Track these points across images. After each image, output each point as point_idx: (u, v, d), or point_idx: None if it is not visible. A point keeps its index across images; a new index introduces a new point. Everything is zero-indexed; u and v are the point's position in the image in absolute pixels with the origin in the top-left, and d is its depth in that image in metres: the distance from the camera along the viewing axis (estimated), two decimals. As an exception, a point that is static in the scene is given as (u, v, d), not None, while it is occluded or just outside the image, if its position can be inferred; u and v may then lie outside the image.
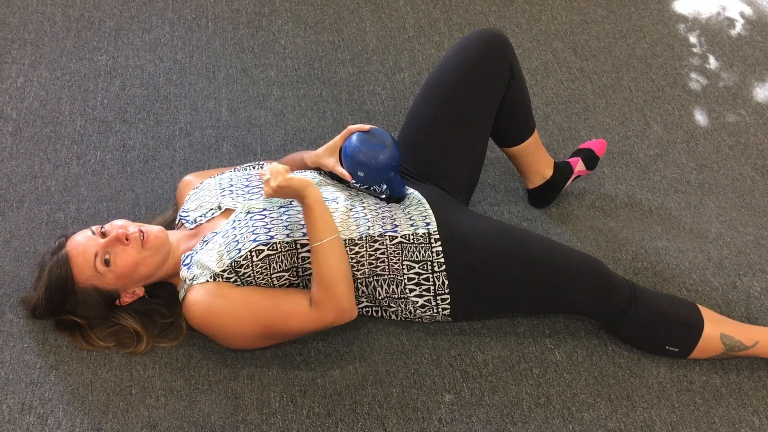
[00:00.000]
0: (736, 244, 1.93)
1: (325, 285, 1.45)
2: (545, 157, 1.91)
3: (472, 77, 1.68)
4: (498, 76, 1.70)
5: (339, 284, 1.46)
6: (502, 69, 1.70)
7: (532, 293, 1.58)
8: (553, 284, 1.57)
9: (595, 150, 1.99)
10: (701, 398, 1.62)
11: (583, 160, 1.98)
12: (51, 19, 2.39)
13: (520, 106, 1.78)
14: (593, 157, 1.99)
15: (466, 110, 1.69)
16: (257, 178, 1.64)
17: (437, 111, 1.69)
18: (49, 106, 2.13)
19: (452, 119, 1.68)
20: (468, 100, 1.68)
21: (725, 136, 2.24)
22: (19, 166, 1.96)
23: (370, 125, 1.58)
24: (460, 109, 1.68)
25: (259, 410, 1.54)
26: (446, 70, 1.70)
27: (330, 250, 1.45)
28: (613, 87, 2.37)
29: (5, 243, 1.78)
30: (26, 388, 1.54)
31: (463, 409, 1.57)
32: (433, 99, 1.69)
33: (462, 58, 1.69)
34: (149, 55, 2.31)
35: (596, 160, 2.00)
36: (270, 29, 2.45)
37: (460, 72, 1.68)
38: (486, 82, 1.69)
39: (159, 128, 2.10)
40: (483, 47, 1.68)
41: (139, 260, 1.49)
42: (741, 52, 2.52)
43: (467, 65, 1.68)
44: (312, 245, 1.46)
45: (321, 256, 1.45)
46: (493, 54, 1.69)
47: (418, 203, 1.61)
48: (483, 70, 1.68)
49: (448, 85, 1.68)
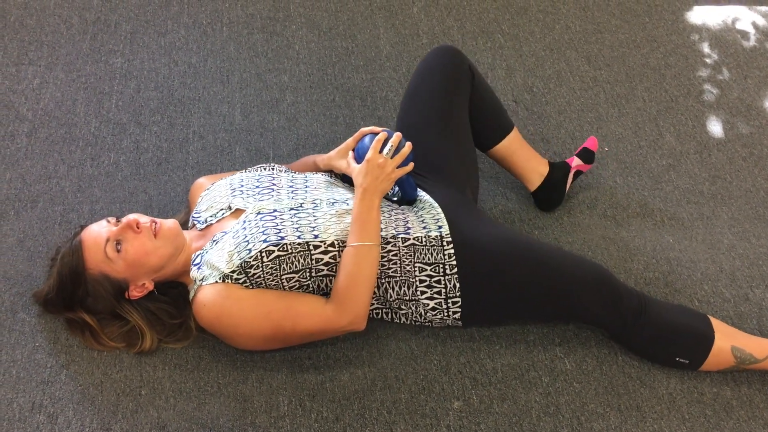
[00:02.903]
0: (748, 256, 1.92)
1: (351, 286, 1.46)
2: (534, 155, 1.94)
3: (442, 81, 1.77)
4: (462, 72, 1.79)
5: (364, 290, 1.47)
6: (462, 65, 1.80)
7: (541, 301, 1.58)
8: (563, 294, 1.56)
9: (588, 146, 2.00)
10: (712, 410, 1.61)
11: (579, 156, 1.99)
12: (67, 21, 2.41)
13: (488, 104, 1.85)
14: (588, 152, 2.00)
15: (444, 110, 1.76)
16: (268, 179, 1.65)
17: (420, 117, 1.76)
18: (64, 108, 2.14)
19: (435, 120, 1.75)
20: (444, 102, 1.76)
21: (739, 147, 2.23)
22: (33, 166, 1.98)
23: (382, 128, 1.58)
24: (440, 111, 1.75)
25: (268, 413, 1.54)
26: (417, 82, 1.79)
27: (369, 255, 1.47)
28: (627, 97, 2.36)
29: (19, 242, 1.79)
30: (37, 387, 1.54)
31: (471, 417, 1.56)
32: (414, 108, 1.77)
33: (428, 71, 1.79)
34: (164, 59, 2.33)
35: (592, 155, 2.00)
36: (284, 34, 2.46)
37: (430, 81, 1.77)
38: (454, 82, 1.77)
39: (173, 131, 2.12)
40: (442, 57, 1.79)
41: (150, 249, 1.51)
42: (755, 63, 2.51)
43: (434, 74, 1.77)
44: (354, 244, 1.47)
45: (359, 257, 1.47)
46: (452, 59, 1.79)
47: (430, 206, 1.61)
48: (448, 74, 1.78)
49: (423, 94, 1.76)
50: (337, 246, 1.50)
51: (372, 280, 1.49)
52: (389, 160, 1.52)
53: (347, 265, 1.47)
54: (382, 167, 1.51)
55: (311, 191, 1.61)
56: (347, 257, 1.48)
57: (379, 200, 1.52)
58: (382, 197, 1.54)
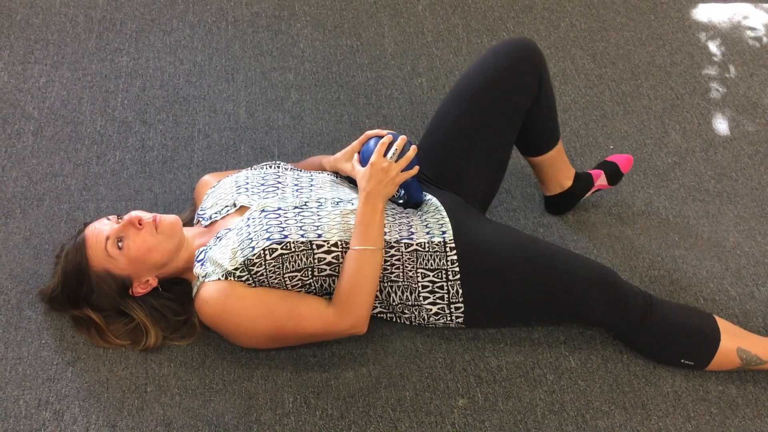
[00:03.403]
0: (754, 254, 1.92)
1: (353, 290, 1.46)
2: (567, 167, 1.90)
3: (499, 89, 1.65)
4: (525, 89, 1.67)
5: (366, 294, 1.47)
6: (530, 83, 1.67)
7: (546, 303, 1.57)
8: (568, 295, 1.56)
9: (620, 165, 1.96)
10: (717, 408, 1.61)
11: (607, 174, 1.95)
12: (73, 20, 2.42)
13: (545, 119, 1.76)
14: (617, 173, 1.96)
15: (489, 121, 1.67)
16: (273, 177, 1.65)
17: (460, 119, 1.68)
18: (70, 106, 2.15)
19: (475, 129, 1.67)
20: (492, 112, 1.67)
21: (744, 145, 2.22)
22: (39, 164, 1.99)
23: (387, 130, 1.58)
24: (484, 120, 1.67)
25: (273, 411, 1.54)
26: (473, 78, 1.68)
27: (372, 259, 1.47)
28: (632, 94, 2.36)
29: (25, 240, 1.80)
30: (43, 384, 1.55)
31: (476, 414, 1.56)
32: (457, 107, 1.68)
33: (490, 68, 1.66)
34: (169, 57, 2.33)
35: (620, 177, 1.96)
36: (289, 33, 2.46)
37: (487, 82, 1.66)
38: (512, 95, 1.67)
39: (178, 129, 2.12)
40: (513, 59, 1.65)
41: (152, 245, 1.51)
42: (761, 61, 2.50)
43: (495, 76, 1.65)
44: (357, 248, 1.47)
45: (362, 261, 1.47)
46: (523, 67, 1.66)
47: (436, 210, 1.61)
48: (510, 83, 1.66)
49: (474, 95, 1.66)
50: (340, 246, 1.50)
51: (374, 284, 1.49)
52: (393, 164, 1.52)
53: (350, 268, 1.47)
54: (386, 171, 1.51)
55: (316, 190, 1.61)
56: (350, 261, 1.48)
57: (383, 204, 1.52)
58: (386, 201, 1.53)
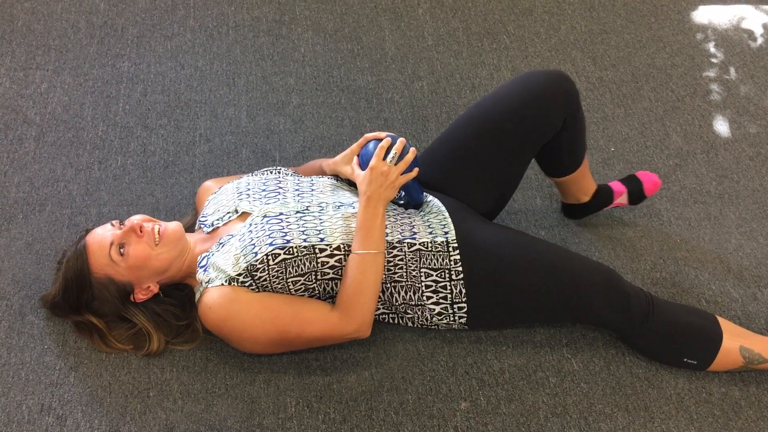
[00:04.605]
0: (756, 256, 1.92)
1: (356, 294, 1.46)
2: (587, 185, 1.87)
3: (522, 119, 1.62)
4: (549, 124, 1.64)
5: (369, 297, 1.48)
6: (556, 119, 1.63)
7: (548, 304, 1.57)
8: (570, 295, 1.56)
9: (645, 187, 1.90)
10: (720, 410, 1.60)
11: (630, 193, 1.91)
12: (75, 26, 2.43)
13: (571, 148, 1.73)
14: (640, 194, 1.91)
15: (506, 148, 1.65)
16: (274, 182, 1.65)
17: (476, 139, 1.65)
18: (72, 112, 2.16)
19: (489, 152, 1.65)
20: (510, 139, 1.64)
21: (745, 146, 2.22)
22: (41, 170, 1.99)
23: (387, 133, 1.59)
24: (500, 146, 1.64)
25: (276, 415, 1.54)
26: (499, 101, 1.64)
27: (374, 263, 1.48)
28: (633, 97, 2.36)
29: (27, 246, 1.80)
30: (46, 389, 1.55)
31: (479, 417, 1.56)
32: (476, 125, 1.65)
33: (517, 96, 1.62)
34: (171, 62, 2.34)
35: (642, 199, 1.92)
36: (290, 37, 2.46)
37: (511, 110, 1.62)
38: (534, 128, 1.64)
39: (179, 134, 2.13)
40: (543, 93, 1.61)
41: (151, 254, 1.51)
42: (761, 63, 2.51)
43: (520, 105, 1.61)
44: (359, 252, 1.47)
45: (364, 265, 1.47)
46: (551, 103, 1.62)
47: (438, 211, 1.61)
48: (535, 116, 1.62)
49: (495, 118, 1.63)
50: (342, 250, 1.50)
51: (377, 287, 1.49)
52: (393, 168, 1.52)
53: (352, 272, 1.48)
54: (386, 175, 1.51)
55: (317, 194, 1.61)
56: (352, 265, 1.48)
57: (384, 208, 1.52)
58: (386, 204, 1.54)
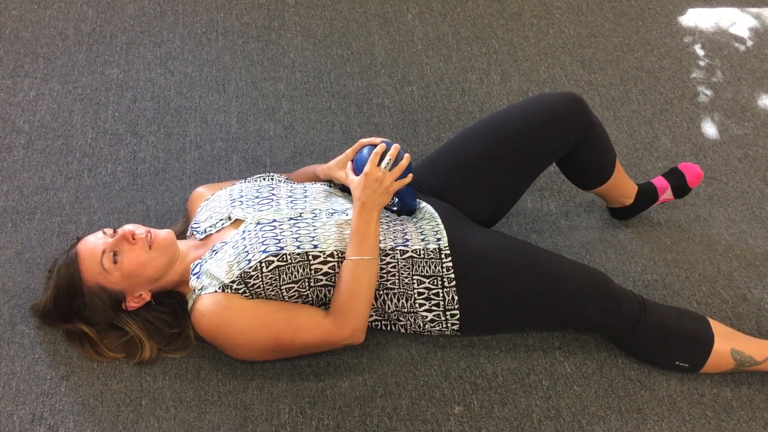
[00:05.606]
0: (746, 257, 1.93)
1: (350, 300, 1.46)
2: (627, 188, 1.88)
3: (530, 140, 1.65)
4: (561, 146, 1.68)
5: (363, 303, 1.48)
6: (565, 142, 1.68)
7: (540, 309, 1.58)
8: (562, 300, 1.56)
9: (687, 179, 1.92)
10: (712, 411, 1.61)
11: (673, 187, 1.93)
12: (63, 33, 2.42)
13: (592, 165, 1.76)
14: (684, 187, 1.92)
15: (515, 163, 1.67)
16: (267, 189, 1.65)
17: (487, 151, 1.66)
18: (60, 119, 2.15)
19: (498, 165, 1.67)
20: (521, 157, 1.66)
21: (734, 148, 2.24)
22: (30, 178, 1.98)
23: (381, 139, 1.59)
24: (510, 161, 1.66)
25: (269, 421, 1.54)
26: (514, 117, 1.67)
27: (368, 269, 1.48)
28: (621, 100, 2.37)
29: (17, 254, 1.79)
30: (37, 399, 1.54)
31: (472, 422, 1.56)
32: (488, 139, 1.67)
33: (534, 116, 1.65)
34: (160, 69, 2.33)
35: (687, 191, 1.93)
36: (279, 43, 2.46)
37: (526, 128, 1.65)
38: (542, 149, 1.67)
39: (169, 141, 2.12)
40: (555, 117, 1.65)
41: (145, 260, 1.50)
42: (748, 65, 2.53)
43: (535, 124, 1.65)
44: (353, 258, 1.47)
45: (358, 271, 1.47)
46: (561, 127, 1.66)
47: (431, 218, 1.61)
48: (544, 138, 1.66)
49: (509, 134, 1.65)
50: (336, 256, 1.50)
51: (371, 293, 1.49)
52: (387, 173, 1.52)
53: (346, 279, 1.48)
54: (380, 181, 1.51)
55: (310, 201, 1.61)
56: (346, 271, 1.48)
57: (378, 214, 1.52)
58: (380, 210, 1.54)
